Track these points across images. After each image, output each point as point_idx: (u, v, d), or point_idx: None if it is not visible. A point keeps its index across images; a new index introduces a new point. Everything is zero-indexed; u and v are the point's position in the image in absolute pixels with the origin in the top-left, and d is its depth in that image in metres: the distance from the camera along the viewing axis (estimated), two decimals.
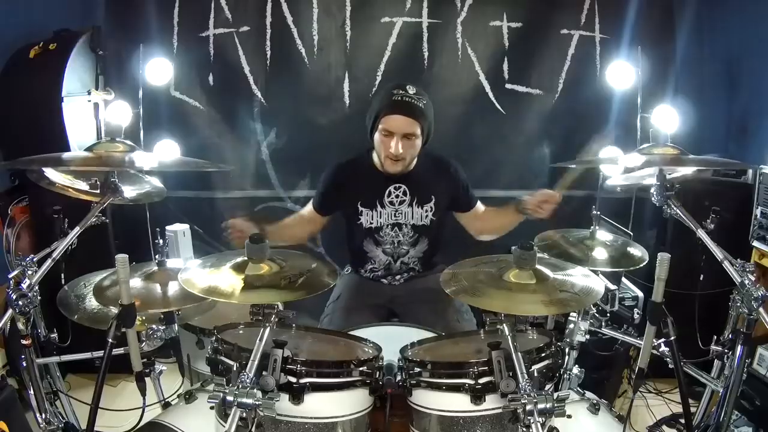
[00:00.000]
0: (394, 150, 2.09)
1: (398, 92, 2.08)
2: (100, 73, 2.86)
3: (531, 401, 1.29)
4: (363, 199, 2.25)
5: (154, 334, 1.71)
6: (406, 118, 2.07)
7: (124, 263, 1.39)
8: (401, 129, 2.08)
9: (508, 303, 1.45)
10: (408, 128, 2.08)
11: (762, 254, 2.38)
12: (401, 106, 2.07)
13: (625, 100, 2.98)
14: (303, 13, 2.96)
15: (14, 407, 1.82)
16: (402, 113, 2.07)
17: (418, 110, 2.08)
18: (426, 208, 2.27)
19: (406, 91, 2.08)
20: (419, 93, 2.10)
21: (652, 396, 2.63)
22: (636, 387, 1.57)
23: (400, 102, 2.06)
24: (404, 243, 2.30)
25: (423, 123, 2.11)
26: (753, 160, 2.64)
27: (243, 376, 1.31)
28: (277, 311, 1.44)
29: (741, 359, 1.59)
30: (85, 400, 1.61)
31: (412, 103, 2.07)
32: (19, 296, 1.45)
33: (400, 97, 2.07)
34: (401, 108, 2.07)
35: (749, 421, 2.16)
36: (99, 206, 1.62)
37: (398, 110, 2.07)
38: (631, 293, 2.48)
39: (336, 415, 1.45)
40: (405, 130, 2.08)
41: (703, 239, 1.57)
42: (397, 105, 2.07)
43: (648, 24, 2.97)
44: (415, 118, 2.07)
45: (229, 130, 3.08)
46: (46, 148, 1.83)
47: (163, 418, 1.66)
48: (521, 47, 3.02)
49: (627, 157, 1.91)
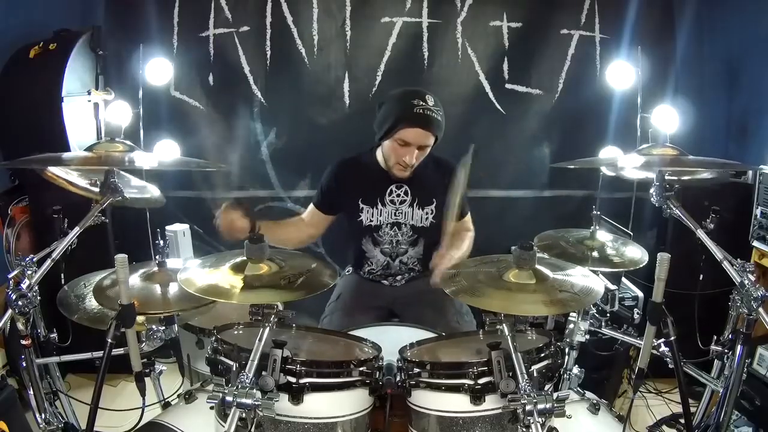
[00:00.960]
0: (409, 160, 2.09)
1: (419, 104, 2.03)
2: (100, 73, 2.86)
3: (531, 401, 1.29)
4: (364, 196, 2.25)
5: (153, 334, 1.71)
6: (424, 132, 2.06)
7: (124, 263, 1.39)
8: (418, 141, 2.07)
9: (507, 303, 1.45)
10: (425, 141, 2.08)
11: (762, 254, 2.38)
12: (422, 120, 2.04)
13: (625, 100, 2.98)
14: (303, 13, 2.96)
15: (14, 407, 1.82)
16: (422, 127, 2.05)
17: (436, 123, 2.07)
18: (427, 210, 2.27)
19: (426, 103, 2.04)
20: (437, 104, 2.09)
21: (652, 396, 2.63)
22: (636, 387, 1.57)
23: (422, 115, 2.03)
24: (403, 242, 2.30)
25: (438, 134, 2.11)
26: (753, 160, 2.65)
27: (242, 376, 1.31)
28: (276, 311, 1.44)
29: (741, 359, 1.59)
30: (85, 400, 1.61)
31: (432, 117, 2.05)
32: (19, 296, 1.45)
33: (422, 110, 2.03)
34: (422, 121, 2.04)
35: (749, 421, 2.16)
36: (99, 206, 1.62)
37: (418, 123, 2.04)
38: (631, 293, 2.48)
39: (335, 415, 1.45)
40: (422, 142, 2.08)
41: (703, 239, 1.57)
42: (418, 118, 2.03)
43: (648, 24, 2.97)
44: (432, 131, 2.08)
45: (229, 130, 3.08)
46: (46, 148, 1.83)
47: (163, 418, 1.65)
48: (521, 47, 3.02)
49: (627, 157, 1.91)
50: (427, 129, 2.06)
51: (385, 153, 2.19)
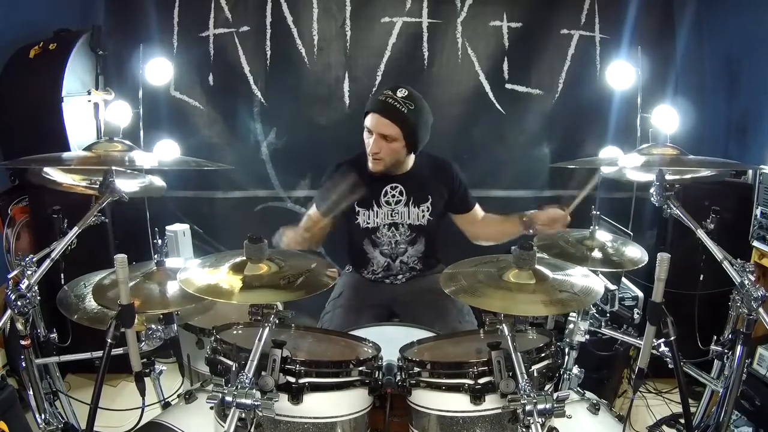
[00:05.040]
0: (372, 149, 2.14)
1: (387, 93, 2.12)
2: (100, 73, 2.86)
3: (531, 401, 1.29)
4: (359, 198, 2.25)
5: (153, 334, 1.70)
6: (382, 118, 2.10)
7: (123, 263, 1.39)
8: (377, 128, 2.12)
9: (507, 303, 1.44)
10: (383, 129, 2.11)
11: (762, 254, 2.38)
12: (382, 107, 2.11)
13: (625, 100, 2.98)
14: (303, 13, 2.96)
15: (14, 407, 1.82)
16: (380, 113, 2.11)
17: (397, 113, 2.09)
18: (422, 208, 2.28)
19: (393, 94, 2.11)
20: (409, 98, 2.10)
21: (652, 396, 2.63)
22: (636, 387, 1.56)
23: (383, 102, 2.11)
24: (401, 243, 2.30)
25: (402, 127, 2.10)
26: (753, 160, 2.64)
27: (242, 376, 1.31)
28: (276, 311, 1.44)
29: (741, 359, 1.59)
30: (85, 400, 1.61)
31: (394, 106, 2.09)
32: (18, 297, 1.45)
33: (385, 98, 2.11)
34: (381, 108, 2.11)
35: (749, 421, 2.16)
36: (98, 206, 1.62)
37: (378, 110, 2.11)
38: (631, 293, 2.48)
39: (335, 415, 1.44)
40: (380, 130, 2.11)
41: (703, 239, 1.57)
42: (379, 104, 2.12)
43: (648, 24, 2.98)
44: (392, 120, 2.09)
45: (229, 130, 3.08)
46: (46, 148, 1.83)
47: (163, 418, 1.65)
48: (521, 47, 3.03)
49: (627, 157, 1.91)
50: (386, 117, 2.09)
51: None
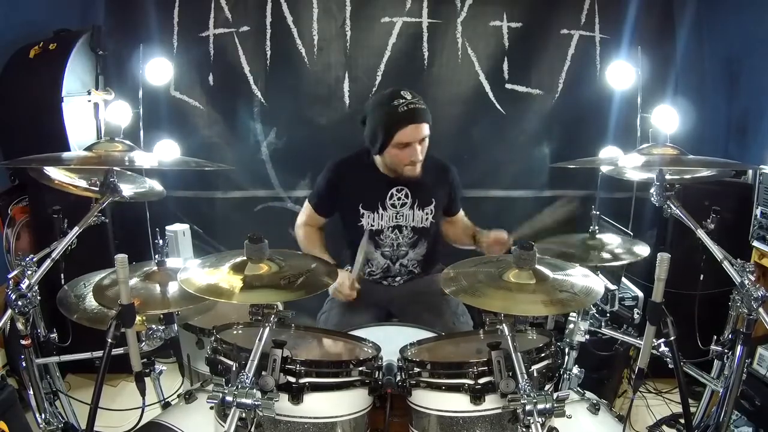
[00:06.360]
0: (416, 158, 2.09)
1: (400, 102, 2.04)
2: (100, 73, 2.86)
3: (530, 401, 1.29)
4: (364, 201, 2.24)
5: (153, 334, 1.70)
6: (418, 126, 2.06)
7: (124, 263, 1.39)
8: (417, 137, 2.07)
9: (507, 303, 1.44)
10: (422, 134, 2.08)
11: (762, 254, 2.37)
12: (411, 116, 2.04)
13: (625, 100, 2.98)
14: (303, 13, 2.96)
15: (14, 407, 1.82)
16: (414, 122, 2.05)
17: (424, 113, 2.08)
18: (427, 211, 2.28)
19: (406, 98, 2.05)
20: (415, 95, 2.09)
21: (652, 396, 2.63)
22: (636, 387, 1.56)
23: (410, 111, 2.04)
24: (403, 245, 2.30)
25: (429, 122, 2.11)
26: (753, 160, 2.64)
27: (242, 376, 1.31)
28: (276, 311, 1.44)
29: (741, 359, 1.59)
30: (85, 400, 1.61)
31: (418, 108, 2.06)
32: (18, 296, 1.45)
33: (406, 106, 2.04)
34: (413, 117, 2.05)
35: (749, 421, 2.16)
36: (98, 206, 1.62)
37: (410, 121, 2.04)
38: (630, 293, 2.48)
39: (335, 415, 1.45)
40: (421, 136, 2.08)
41: (703, 239, 1.57)
42: (407, 116, 2.04)
43: (648, 24, 2.98)
44: (424, 120, 2.08)
45: (229, 130, 3.08)
46: (46, 148, 1.83)
47: (163, 418, 1.65)
48: (521, 47, 3.02)
49: (627, 157, 1.91)
50: (419, 122, 2.06)
51: (390, 161, 2.15)
